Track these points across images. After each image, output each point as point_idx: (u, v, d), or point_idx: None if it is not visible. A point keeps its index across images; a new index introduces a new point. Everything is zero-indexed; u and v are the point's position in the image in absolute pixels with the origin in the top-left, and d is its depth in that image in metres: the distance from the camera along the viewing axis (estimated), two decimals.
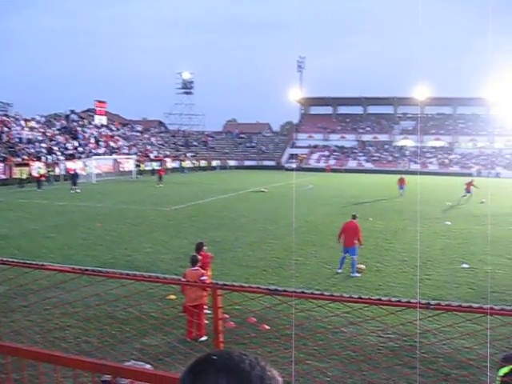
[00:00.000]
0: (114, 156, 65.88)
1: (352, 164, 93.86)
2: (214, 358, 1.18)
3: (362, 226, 23.32)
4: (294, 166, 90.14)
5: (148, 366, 5.83)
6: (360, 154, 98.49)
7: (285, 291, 3.13)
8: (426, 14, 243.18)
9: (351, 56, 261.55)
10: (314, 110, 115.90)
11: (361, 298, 3.03)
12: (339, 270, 15.70)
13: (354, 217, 16.78)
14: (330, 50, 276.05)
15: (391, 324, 8.97)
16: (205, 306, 9.98)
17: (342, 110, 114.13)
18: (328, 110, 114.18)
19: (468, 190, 38.43)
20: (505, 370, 5.12)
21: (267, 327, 10.16)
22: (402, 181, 41.99)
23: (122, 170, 63.93)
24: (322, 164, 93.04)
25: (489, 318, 4.02)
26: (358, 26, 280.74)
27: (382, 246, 20.02)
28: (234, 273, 15.36)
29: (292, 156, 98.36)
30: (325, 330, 9.61)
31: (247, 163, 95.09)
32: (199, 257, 10.83)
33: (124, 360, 6.89)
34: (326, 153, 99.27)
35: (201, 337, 9.97)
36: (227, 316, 10.15)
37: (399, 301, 2.92)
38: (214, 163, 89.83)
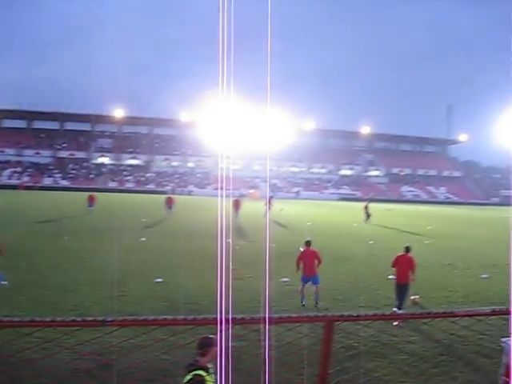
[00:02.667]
0: None
1: (47, 181, 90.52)
2: None
3: (57, 246, 22.66)
4: None
5: None
6: (56, 170, 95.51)
7: None
8: (126, 33, 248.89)
9: (48, 69, 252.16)
10: (7, 123, 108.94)
11: (33, 321, 2.86)
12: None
13: None
14: (24, 59, 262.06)
15: (86, 344, 8.73)
16: None
17: (38, 124, 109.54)
18: (22, 123, 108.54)
19: (169, 207, 41.49)
20: (188, 377, 5.47)
21: None
22: (91, 199, 42.08)
23: None
24: (14, 181, 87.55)
25: (179, 329, 4.19)
26: (55, 37, 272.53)
27: (77, 265, 19.55)
28: None
29: None
30: (15, 361, 8.73)
31: None
32: None
33: None
34: (19, 169, 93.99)
35: None
36: None
37: (74, 320, 2.84)
38: None
